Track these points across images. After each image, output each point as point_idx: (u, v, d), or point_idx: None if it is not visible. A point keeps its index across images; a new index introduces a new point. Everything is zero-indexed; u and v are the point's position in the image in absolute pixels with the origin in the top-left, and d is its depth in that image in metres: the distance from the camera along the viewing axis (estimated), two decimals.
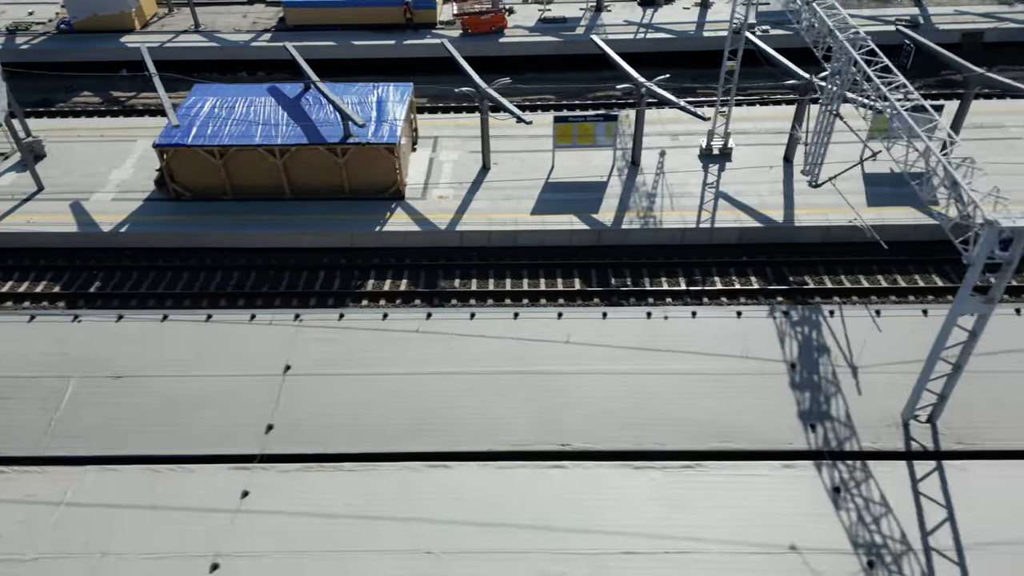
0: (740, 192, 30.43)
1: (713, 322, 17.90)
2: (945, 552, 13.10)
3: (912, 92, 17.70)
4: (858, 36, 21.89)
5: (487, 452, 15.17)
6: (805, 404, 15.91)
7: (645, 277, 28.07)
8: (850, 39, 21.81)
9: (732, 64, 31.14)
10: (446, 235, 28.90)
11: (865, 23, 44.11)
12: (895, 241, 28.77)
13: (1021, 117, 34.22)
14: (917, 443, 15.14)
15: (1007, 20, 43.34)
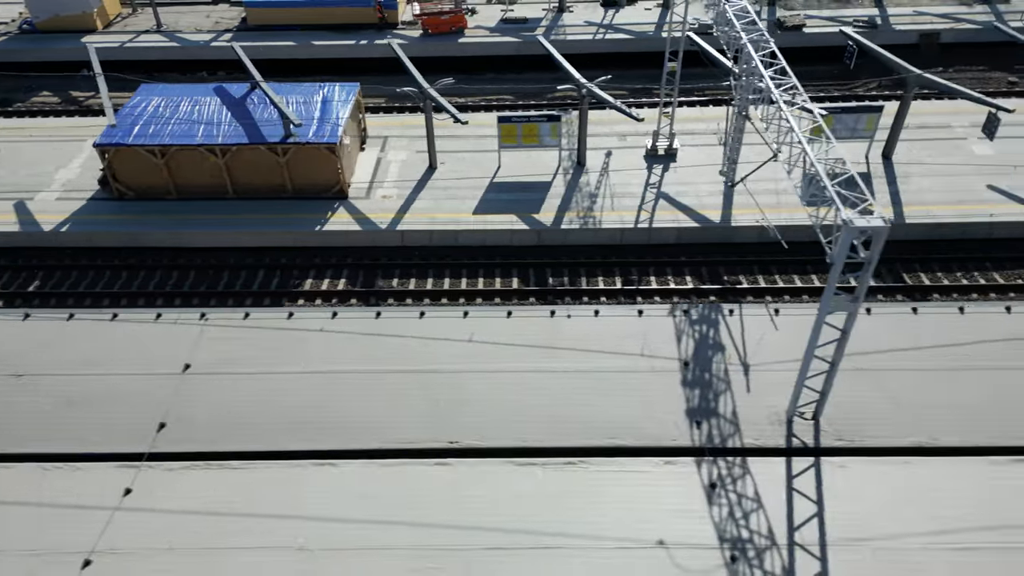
0: (681, 192, 30.63)
1: (615, 321, 18.09)
2: (809, 547, 13.30)
3: (801, 93, 17.86)
4: (761, 38, 22.04)
5: (374, 450, 15.35)
6: (694, 401, 16.12)
7: (583, 276, 28.32)
8: (753, 40, 21.99)
9: (673, 65, 31.40)
10: (387, 234, 29.08)
11: (823, 24, 44.40)
12: None
13: (967, 117, 34.40)
14: (798, 440, 15.36)
15: (964, 21, 43.55)
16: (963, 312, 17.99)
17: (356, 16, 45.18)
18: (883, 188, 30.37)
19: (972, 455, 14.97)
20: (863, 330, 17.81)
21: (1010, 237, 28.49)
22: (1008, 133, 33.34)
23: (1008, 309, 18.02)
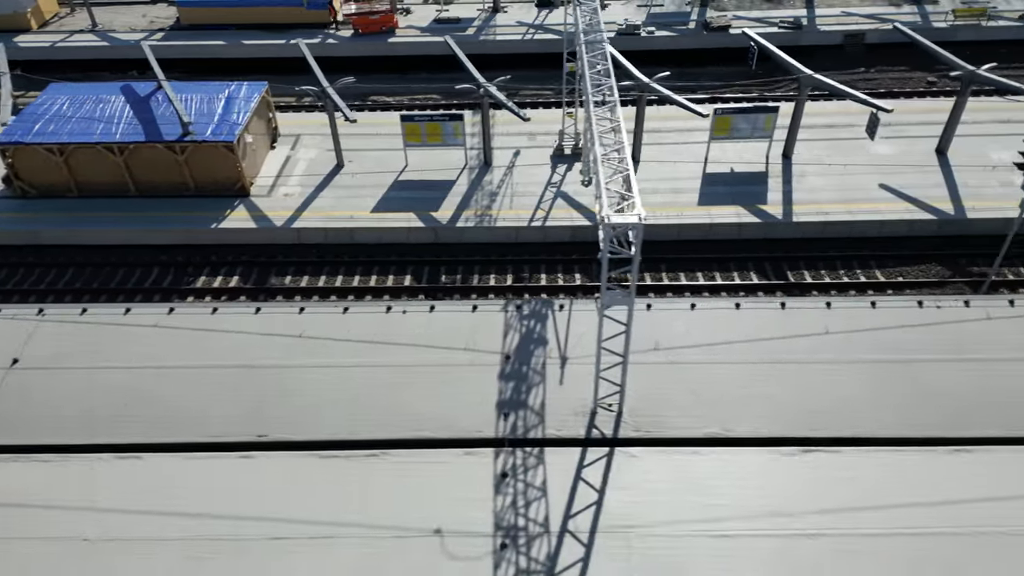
0: (580, 191, 30.97)
1: (447, 316, 18.43)
2: (579, 534, 13.63)
3: (612, 94, 18.20)
4: (596, 40, 22.35)
5: (180, 444, 15.67)
6: (506, 394, 16.44)
7: (476, 274, 28.68)
8: (588, 42, 22.34)
9: (572, 65, 31.71)
10: (283, 232, 29.39)
11: (751, 24, 44.78)
12: (728, 240, 29.54)
13: (858, 115, 34.84)
14: (597, 431, 15.71)
15: (889, 22, 43.98)
16: (784, 308, 18.36)
17: (288, 16, 45.50)
18: (778, 187, 30.76)
19: (763, 445, 15.33)
20: (681, 326, 18.19)
21: (896, 235, 28.96)
22: (912, 133, 33.91)
23: (828, 305, 18.39)
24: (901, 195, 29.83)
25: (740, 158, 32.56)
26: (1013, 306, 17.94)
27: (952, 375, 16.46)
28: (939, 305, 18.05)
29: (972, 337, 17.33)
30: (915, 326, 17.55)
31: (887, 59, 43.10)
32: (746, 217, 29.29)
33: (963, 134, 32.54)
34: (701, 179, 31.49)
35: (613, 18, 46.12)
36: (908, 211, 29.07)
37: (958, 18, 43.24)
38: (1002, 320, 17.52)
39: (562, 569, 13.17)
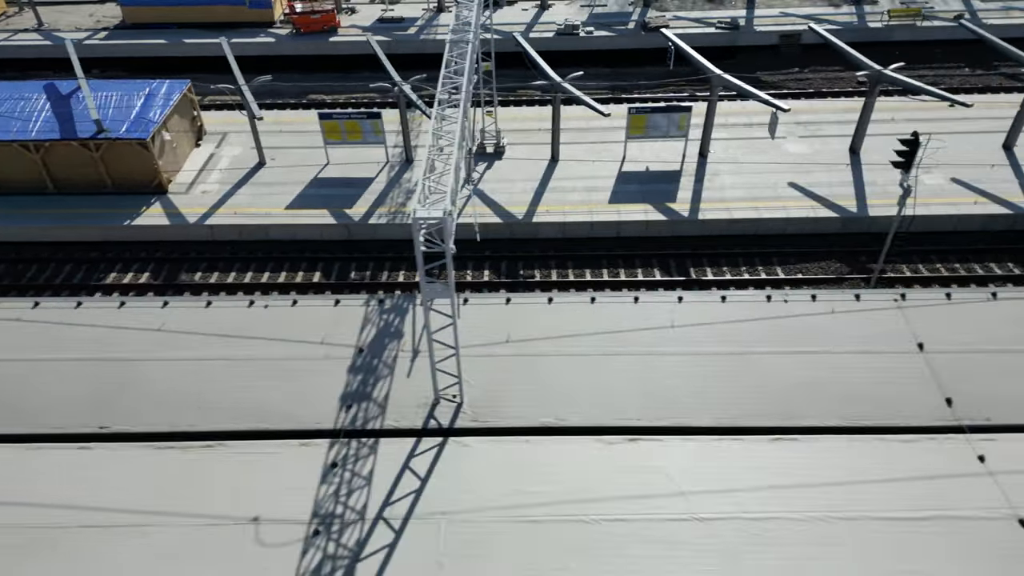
0: (494, 190, 31.33)
1: (310, 310, 18.75)
2: (392, 520, 13.97)
3: (458, 94, 18.54)
4: (461, 39, 22.69)
5: (22, 435, 15.95)
6: (353, 387, 16.78)
7: (386, 271, 29.04)
8: (453, 41, 22.68)
9: (487, 64, 32.09)
10: (196, 229, 29.70)
11: (689, 25, 45.21)
12: (633, 237, 29.89)
13: (791, 116, 35.21)
14: (435, 421, 16.05)
15: (825, 22, 44.40)
16: (637, 302, 18.74)
17: (230, 14, 45.77)
18: (689, 185, 31.14)
19: (592, 435, 15.70)
20: (536, 319, 18.56)
21: (802, 233, 29.35)
22: (828, 132, 34.30)
23: (680, 299, 18.77)
24: (809, 193, 30.23)
25: (658, 157, 32.97)
26: (859, 300, 18.34)
27: (784, 367, 16.85)
28: (787, 299, 18.43)
29: (812, 330, 17.73)
30: (760, 319, 17.93)
31: (822, 59, 43.37)
32: (653, 215, 29.66)
33: (877, 133, 33.01)
34: (616, 178, 31.89)
35: (556, 18, 46.60)
36: (813, 209, 29.49)
37: (893, 18, 43.69)
38: (844, 314, 17.92)
39: (368, 554, 13.52)
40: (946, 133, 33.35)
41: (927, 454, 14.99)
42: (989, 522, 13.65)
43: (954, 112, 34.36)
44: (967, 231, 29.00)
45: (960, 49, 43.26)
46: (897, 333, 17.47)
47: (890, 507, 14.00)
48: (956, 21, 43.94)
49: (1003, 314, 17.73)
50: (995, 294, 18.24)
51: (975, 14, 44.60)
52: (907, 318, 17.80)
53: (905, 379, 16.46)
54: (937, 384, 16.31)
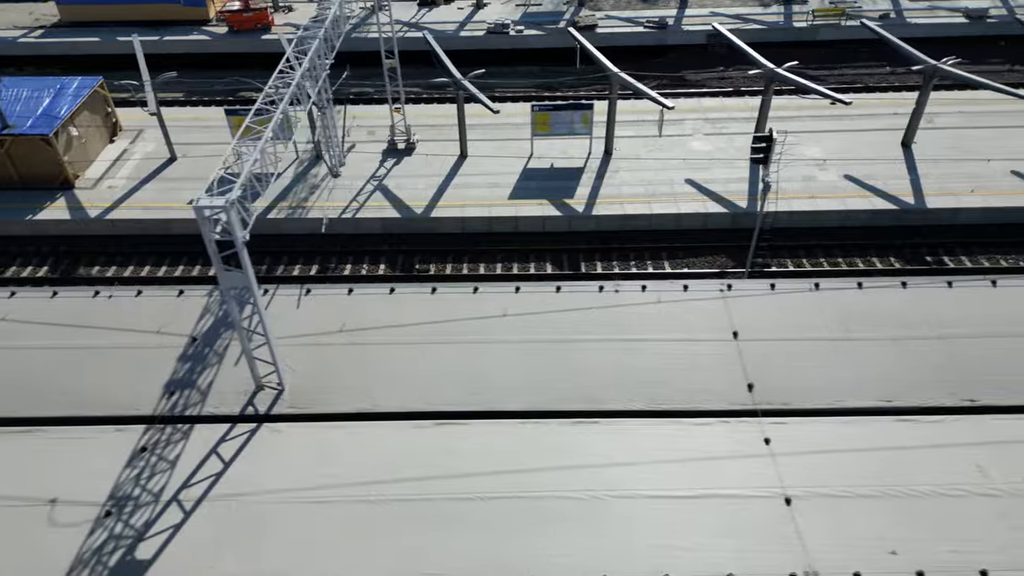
0: (401, 185, 31.74)
1: (151, 301, 19.09)
2: (186, 502, 14.39)
3: (327, 93, 19.08)
4: (306, 41, 23.19)
5: None
6: (179, 374, 17.20)
7: (281, 265, 29.46)
8: (304, 37, 23.17)
9: (392, 62, 32.50)
10: (98, 224, 30.09)
11: (619, 24, 45.70)
12: (531, 232, 30.33)
13: (701, 114, 35.76)
14: (252, 408, 16.47)
15: (752, 22, 44.92)
16: (476, 292, 19.18)
17: (165, 12, 46.14)
18: (589, 182, 31.58)
19: (405, 419, 16.15)
20: (375, 309, 18.98)
21: (693, 228, 29.83)
22: (733, 129, 34.72)
23: (517, 289, 19.20)
24: (704, 190, 30.69)
25: (565, 154, 33.41)
26: (686, 291, 18.77)
27: (603, 354, 17.29)
28: (617, 289, 18.87)
29: (638, 319, 18.17)
30: (589, 309, 18.37)
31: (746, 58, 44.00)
32: (551, 211, 30.12)
33: (780, 130, 33.47)
34: (520, 174, 32.33)
35: (490, 16, 47.00)
36: (704, 205, 29.99)
37: (818, 18, 44.20)
38: (670, 304, 18.36)
39: (152, 534, 13.93)
40: (847, 131, 34.03)
41: (718, 437, 15.43)
42: (759, 500, 14.10)
43: (854, 110, 34.95)
44: (855, 227, 29.56)
45: (886, 48, 43.76)
46: (717, 322, 17.93)
47: (666, 486, 14.45)
48: (883, 20, 44.59)
49: (822, 304, 18.18)
50: (817, 285, 18.70)
51: (901, 13, 45.17)
52: (728, 308, 18.25)
53: (715, 365, 16.91)
54: (743, 370, 16.77)
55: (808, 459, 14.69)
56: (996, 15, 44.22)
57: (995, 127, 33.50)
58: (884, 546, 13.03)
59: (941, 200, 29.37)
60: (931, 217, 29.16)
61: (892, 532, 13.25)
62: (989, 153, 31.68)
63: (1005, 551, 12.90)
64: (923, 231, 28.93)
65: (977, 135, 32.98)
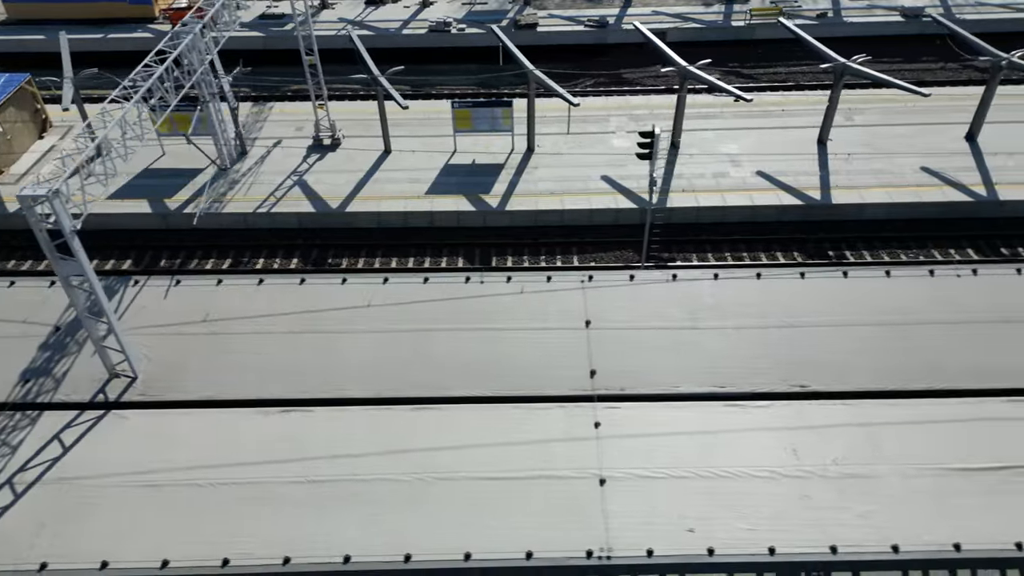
0: (320, 180, 32.05)
1: (23, 291, 19.45)
2: (18, 486, 14.68)
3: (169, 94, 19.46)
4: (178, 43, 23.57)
5: None
6: (37, 363, 17.53)
7: (196, 259, 29.75)
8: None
9: (311, 59, 32.81)
10: (15, 218, 30.36)
11: (560, 23, 46.05)
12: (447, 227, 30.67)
13: (627, 112, 36.17)
14: (103, 396, 16.78)
15: (691, 21, 45.31)
16: (344, 283, 19.53)
17: (111, 11, 46.44)
18: (507, 178, 31.93)
19: (248, 407, 16.49)
20: (247, 300, 19.31)
21: (605, 224, 30.19)
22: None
23: (385, 280, 19.56)
24: (617, 185, 31.07)
25: (488, 150, 33.74)
26: (549, 281, 19.11)
27: (458, 343, 17.63)
28: (482, 281, 19.21)
29: (498, 309, 18.51)
30: (452, 299, 18.71)
31: (693, 56, 44.10)
32: (465, 206, 30.47)
33: (696, 128, 34.00)
34: (440, 170, 32.64)
35: (435, 15, 47.25)
36: (616, 201, 30.36)
37: (755, 17, 44.61)
38: (534, 294, 18.71)
39: None
40: (767, 128, 34.41)
41: (555, 421, 15.79)
42: (576, 480, 14.45)
43: (777, 107, 35.48)
44: (766, 222, 29.92)
45: None
46: (573, 311, 18.27)
47: (492, 468, 14.80)
48: (820, 19, 45.03)
49: (679, 294, 18.56)
50: (675, 276, 19.06)
51: (839, 12, 45.58)
52: (586, 298, 18.61)
53: (563, 353, 17.27)
54: (589, 358, 17.11)
55: (631, 442, 15.05)
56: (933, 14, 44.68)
57: (909, 124, 33.96)
58: (683, 524, 13.40)
59: (847, 196, 29.82)
60: (836, 212, 29.59)
61: (694, 511, 13.62)
62: (899, 149, 32.15)
63: (799, 530, 13.26)
64: (826, 226, 29.36)
65: (891, 132, 33.42)
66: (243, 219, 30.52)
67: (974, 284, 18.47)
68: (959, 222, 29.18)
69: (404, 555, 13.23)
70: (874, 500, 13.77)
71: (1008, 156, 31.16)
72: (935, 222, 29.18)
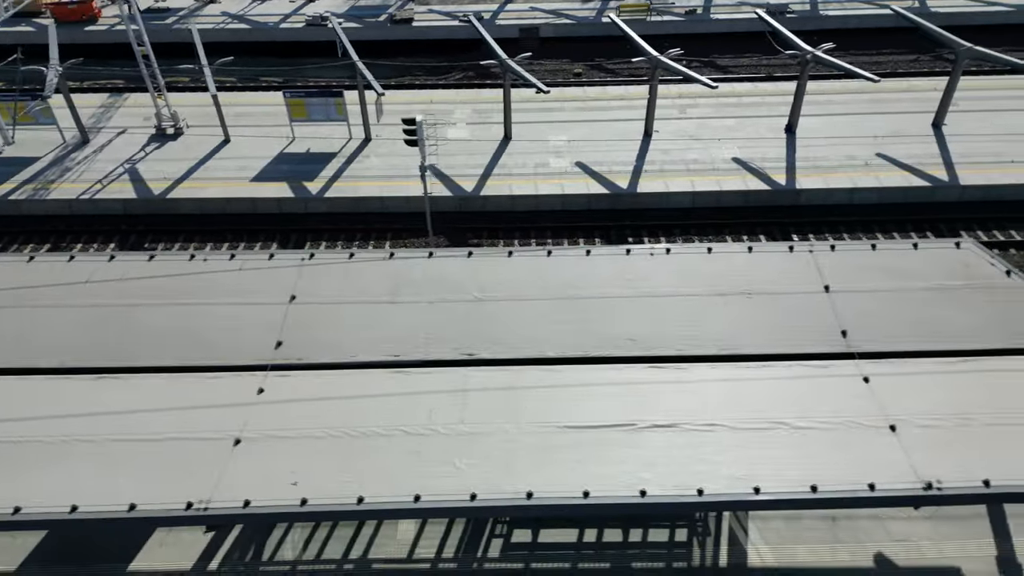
0: (151, 168, 32.65)
1: None
2: None
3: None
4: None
5: None
6: None
7: (47, 244, 30.37)
8: None
9: (143, 49, 33.45)
10: None
11: (439, 19, 46.82)
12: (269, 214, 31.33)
13: (467, 105, 37.04)
14: None
15: (563, 16, 46.18)
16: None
17: None
18: (337, 165, 32.62)
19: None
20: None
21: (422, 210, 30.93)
22: (494, 119, 35.91)
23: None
24: (441, 175, 31.86)
25: (326, 139, 34.42)
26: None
27: (154, 316, 18.36)
28: (206, 259, 19.81)
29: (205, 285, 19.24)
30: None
31: (558, 52, 45.21)
32: (286, 193, 31.16)
33: (530, 121, 34.88)
34: (274, 158, 33.30)
35: (320, 8, 47.95)
36: (439, 188, 31.14)
37: (623, 13, 45.52)
38: (249, 272, 19.41)
39: None
40: (595, 121, 35.33)
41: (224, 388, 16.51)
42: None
43: (604, 102, 36.28)
44: (577, 210, 30.80)
45: (689, 43, 45.00)
46: (284, 288, 19.02)
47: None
48: (688, 16, 46.00)
49: (393, 271, 19.28)
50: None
51: (708, 9, 46.57)
52: (302, 275, 19.32)
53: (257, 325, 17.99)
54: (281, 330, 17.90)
55: (308, 406, 15.73)
56: (798, 11, 45.81)
57: (727, 117, 35.05)
58: (290, 478, 14.13)
59: (651, 185, 30.72)
60: (641, 201, 30.48)
61: (301, 467, 14.31)
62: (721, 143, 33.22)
63: (424, 480, 13.92)
64: (642, 214, 30.30)
65: (711, 125, 34.50)
66: (68, 205, 31.09)
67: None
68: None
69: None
70: None
71: None
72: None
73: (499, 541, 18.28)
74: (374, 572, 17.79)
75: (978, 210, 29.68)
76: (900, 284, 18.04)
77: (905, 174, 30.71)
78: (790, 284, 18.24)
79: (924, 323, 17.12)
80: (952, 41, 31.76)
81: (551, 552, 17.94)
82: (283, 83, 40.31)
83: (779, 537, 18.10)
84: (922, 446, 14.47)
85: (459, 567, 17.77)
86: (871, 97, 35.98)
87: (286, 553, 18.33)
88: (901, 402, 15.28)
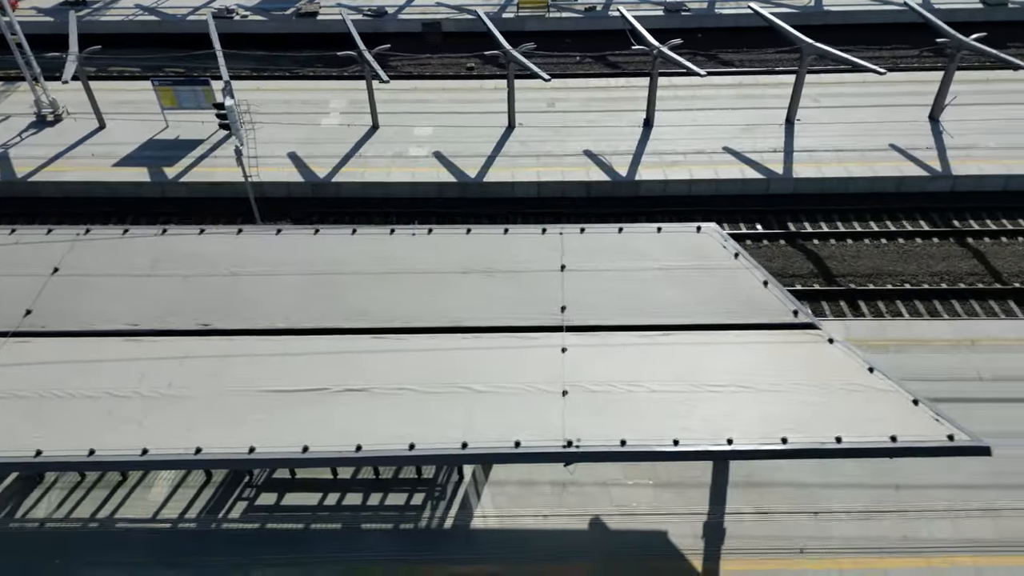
0: (21, 154, 33.48)
1: None
2: None
3: None
4: None
5: None
6: None
7: None
8: None
9: (16, 38, 34.24)
10: None
11: (345, 12, 47.48)
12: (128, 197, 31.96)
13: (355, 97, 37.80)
14: None
15: (465, 12, 46.79)
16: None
17: None
18: (200, 152, 33.41)
19: None
20: None
21: (275, 196, 31.71)
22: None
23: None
24: (299, 161, 32.60)
25: (198, 126, 35.11)
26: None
27: None
28: None
29: None
30: None
31: (460, 46, 45.83)
32: (144, 177, 31.92)
33: (404, 111, 35.64)
34: (142, 144, 34.06)
35: (227, 2, 48.68)
36: (283, 176, 31.89)
37: (523, 9, 46.17)
38: None
39: None
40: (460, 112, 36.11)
41: None
42: None
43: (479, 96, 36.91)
44: None
45: (590, 40, 45.73)
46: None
47: None
48: (587, 13, 46.64)
49: None
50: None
51: (608, 5, 47.18)
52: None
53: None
54: None
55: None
56: (694, 8, 46.45)
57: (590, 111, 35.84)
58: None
59: (499, 175, 31.43)
60: (488, 190, 31.17)
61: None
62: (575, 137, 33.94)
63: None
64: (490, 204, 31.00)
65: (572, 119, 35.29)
66: (9, 188, 31.88)
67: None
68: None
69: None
70: None
71: None
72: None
73: (243, 504, 19.00)
74: (116, 532, 18.51)
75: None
76: (631, 264, 18.80)
77: (743, 167, 31.51)
78: (532, 263, 19.02)
79: (637, 299, 17.86)
80: (799, 38, 32.40)
81: (289, 514, 18.64)
82: (182, 74, 41.21)
83: (508, 501, 18.78)
84: (581, 410, 15.21)
85: (198, 527, 18.48)
86: (737, 93, 36.82)
87: (38, 512, 19.02)
88: (582, 370, 16.02)
